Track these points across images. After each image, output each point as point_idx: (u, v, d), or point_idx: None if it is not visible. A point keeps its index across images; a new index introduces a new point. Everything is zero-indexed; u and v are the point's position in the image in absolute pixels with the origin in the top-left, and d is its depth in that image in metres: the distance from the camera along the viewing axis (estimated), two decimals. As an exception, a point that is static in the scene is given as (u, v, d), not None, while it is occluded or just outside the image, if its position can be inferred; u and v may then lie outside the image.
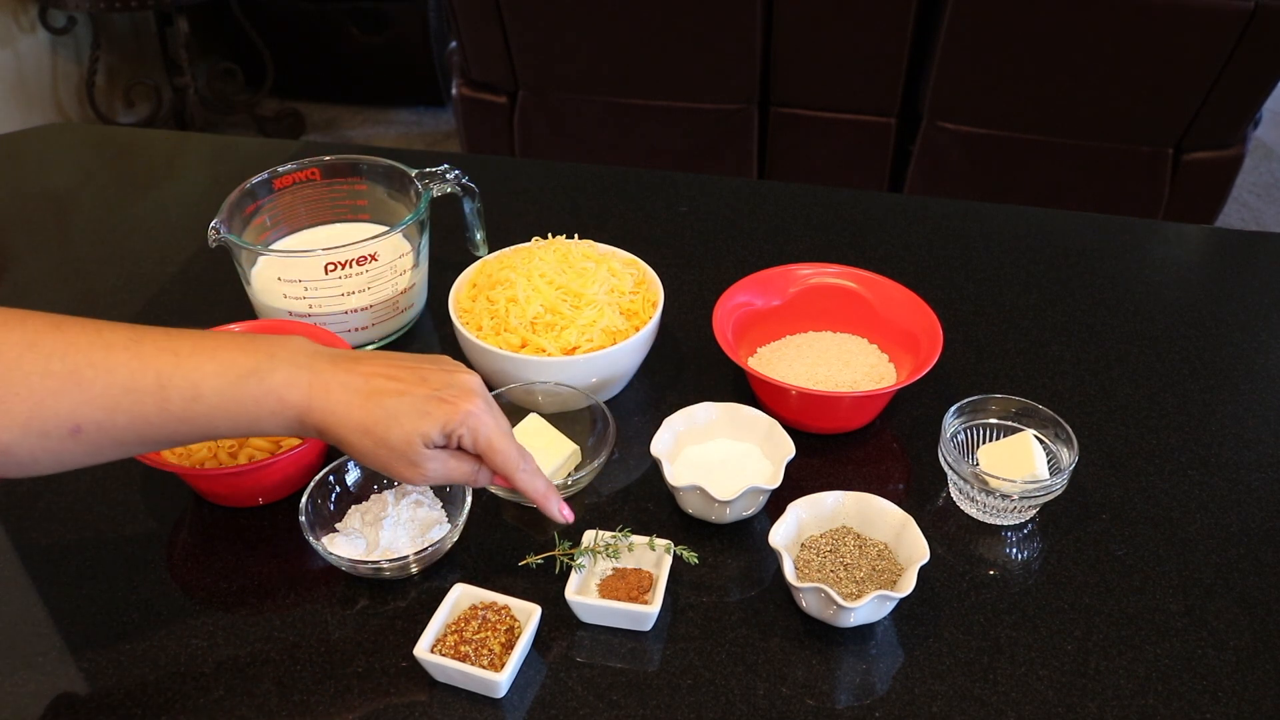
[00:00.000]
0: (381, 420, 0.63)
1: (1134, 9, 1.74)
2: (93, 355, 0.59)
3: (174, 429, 0.61)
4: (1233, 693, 0.66)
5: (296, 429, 0.63)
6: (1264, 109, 1.99)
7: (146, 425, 0.60)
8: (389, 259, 0.92)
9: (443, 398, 0.64)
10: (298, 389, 0.62)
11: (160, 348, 0.61)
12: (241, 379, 0.61)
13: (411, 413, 0.63)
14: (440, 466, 0.65)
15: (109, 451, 0.61)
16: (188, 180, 1.30)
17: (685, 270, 1.05)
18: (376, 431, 0.63)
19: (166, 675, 0.67)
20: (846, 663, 0.67)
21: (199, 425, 0.61)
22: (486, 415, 0.66)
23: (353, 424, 0.63)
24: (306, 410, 0.62)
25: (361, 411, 0.63)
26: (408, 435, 0.63)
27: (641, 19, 1.96)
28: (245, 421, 0.62)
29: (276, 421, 0.62)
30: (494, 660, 0.65)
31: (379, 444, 0.63)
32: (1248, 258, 1.13)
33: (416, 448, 0.64)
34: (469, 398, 0.65)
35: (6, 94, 2.72)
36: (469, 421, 0.64)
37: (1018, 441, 0.78)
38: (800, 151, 2.15)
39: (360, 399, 0.63)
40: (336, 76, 3.23)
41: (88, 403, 0.58)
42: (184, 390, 0.60)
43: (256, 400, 0.61)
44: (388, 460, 0.64)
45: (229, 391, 0.61)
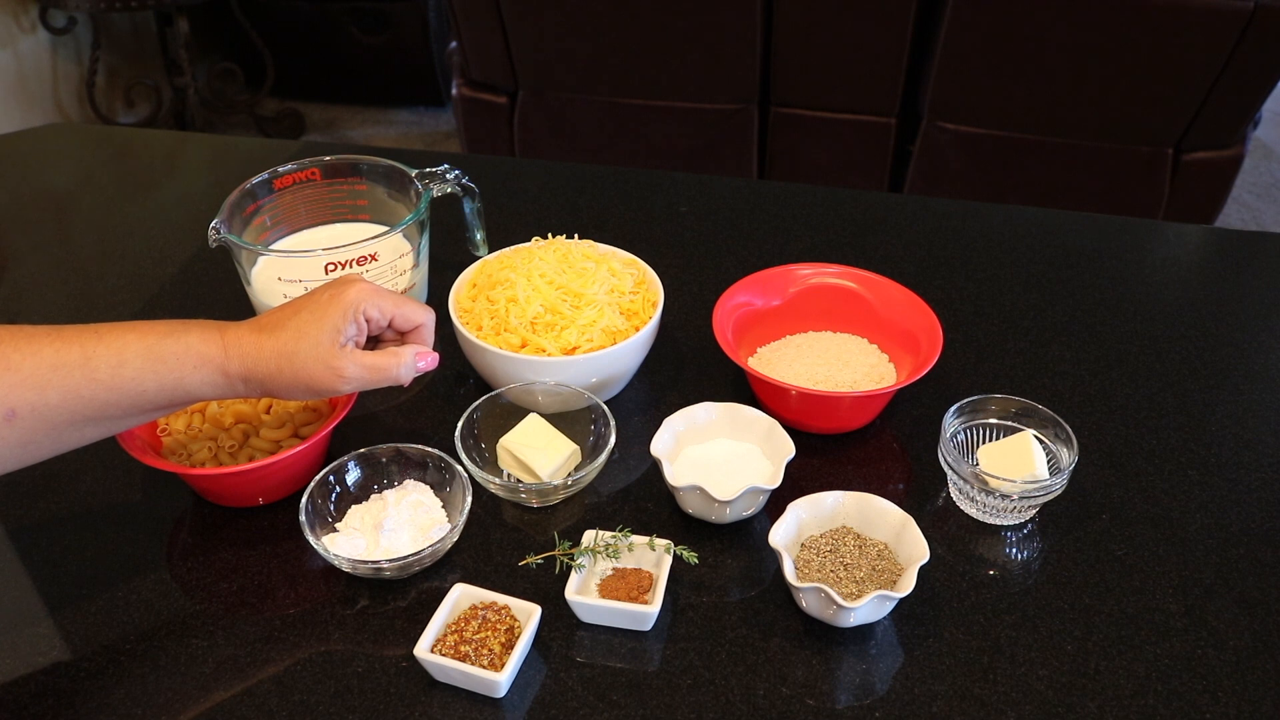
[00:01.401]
0: (291, 339, 0.67)
1: (1134, 9, 1.74)
2: (18, 342, 0.61)
3: (104, 400, 0.63)
4: (1232, 692, 0.66)
5: (222, 382, 0.66)
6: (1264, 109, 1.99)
7: (77, 399, 0.62)
8: (389, 259, 0.92)
9: (331, 293, 0.69)
10: (211, 343, 0.66)
11: (81, 330, 0.64)
12: (160, 339, 0.65)
13: (312, 320, 0.68)
14: (357, 366, 0.69)
15: (43, 438, 0.63)
16: (188, 180, 1.30)
17: (685, 270, 1.05)
18: (288, 349, 0.67)
19: (166, 675, 0.67)
20: (846, 663, 0.67)
21: (128, 392, 0.64)
22: (377, 288, 0.71)
23: (267, 354, 0.66)
24: (224, 358, 0.66)
25: (272, 340, 0.67)
26: (317, 339, 0.67)
27: (641, 19, 1.96)
28: (171, 379, 0.65)
29: (200, 376, 0.65)
30: (494, 660, 0.65)
31: (295, 359, 0.67)
32: (1247, 258, 1.13)
33: (330, 349, 0.67)
34: (352, 281, 0.70)
35: (7, 94, 2.73)
36: (366, 295, 0.69)
37: (1017, 441, 0.78)
38: (800, 151, 2.15)
39: (267, 332, 0.67)
40: (336, 76, 3.23)
41: (19, 384, 0.60)
42: (108, 358, 0.63)
43: (177, 356, 0.65)
44: (310, 374, 0.67)
45: (150, 353, 0.64)
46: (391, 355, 0.71)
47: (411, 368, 0.72)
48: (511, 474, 0.80)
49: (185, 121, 3.00)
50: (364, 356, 0.70)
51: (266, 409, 0.82)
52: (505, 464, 0.80)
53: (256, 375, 0.67)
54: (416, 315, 0.74)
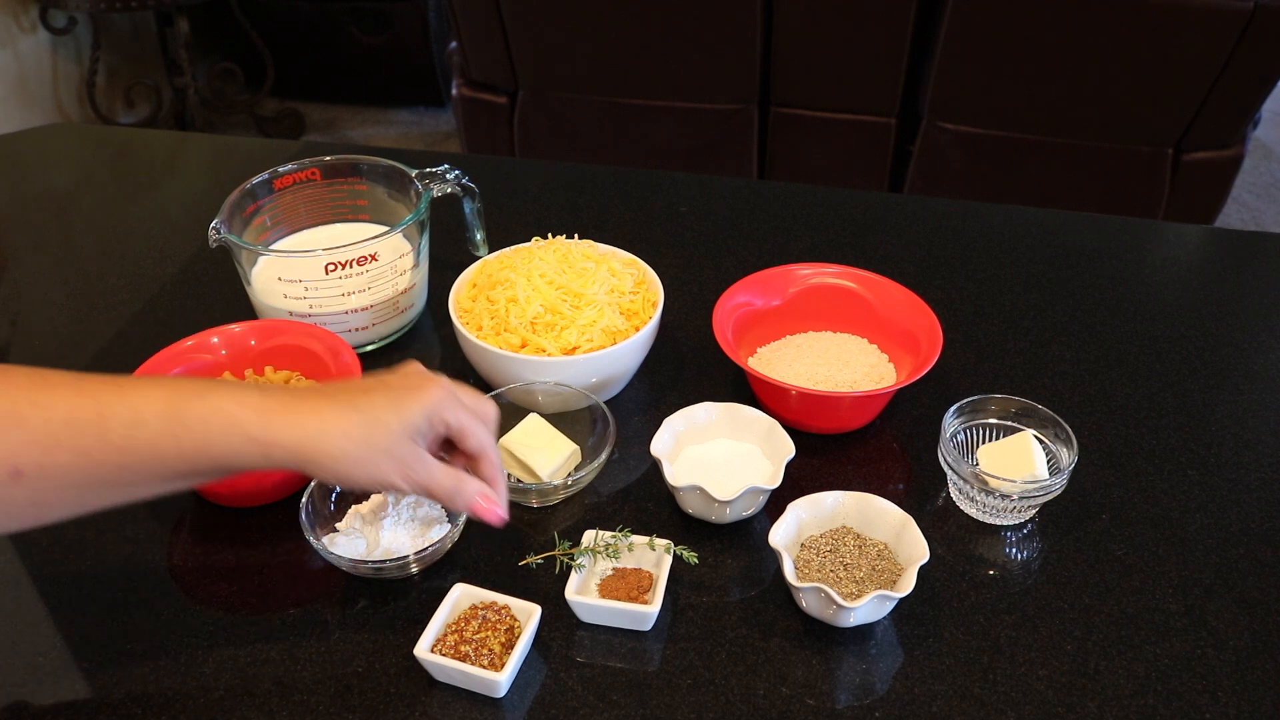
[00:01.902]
0: (364, 422, 0.59)
1: (1134, 9, 1.74)
2: (33, 394, 0.55)
3: (118, 463, 0.56)
4: (1232, 692, 0.66)
5: (254, 451, 0.58)
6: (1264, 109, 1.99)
7: (89, 461, 0.56)
8: (389, 259, 0.92)
9: (409, 385, 0.63)
10: (247, 406, 0.58)
11: (104, 382, 0.57)
12: (185, 398, 0.57)
13: (390, 407, 0.60)
14: (425, 471, 0.62)
15: (55, 500, 0.57)
16: (188, 180, 1.30)
17: (685, 270, 1.05)
18: (360, 432, 0.59)
19: (166, 675, 0.67)
20: (846, 663, 0.67)
21: (143, 456, 0.56)
22: (457, 396, 0.65)
23: (332, 430, 0.58)
24: (264, 426, 0.58)
25: (335, 415, 0.59)
26: (392, 429, 0.60)
27: (641, 19, 1.96)
28: (192, 445, 0.57)
29: (227, 441, 0.57)
30: (494, 660, 0.65)
31: (366, 444, 0.59)
32: (1247, 258, 1.13)
33: (405, 443, 0.61)
34: (434, 379, 0.64)
35: (7, 94, 2.73)
36: (447, 399, 0.63)
37: (1017, 441, 0.78)
38: (800, 151, 2.16)
39: (330, 404, 0.59)
40: (336, 76, 3.23)
41: (27, 442, 0.54)
42: (125, 416, 0.56)
43: (203, 418, 0.57)
44: (376, 464, 0.60)
45: (171, 414, 0.56)
46: (458, 479, 0.64)
47: (469, 503, 0.65)
48: (512, 474, 0.80)
49: (185, 122, 3.00)
50: (434, 467, 0.63)
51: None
52: (505, 464, 0.80)
53: (307, 451, 0.58)
54: (484, 441, 0.66)
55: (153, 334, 0.98)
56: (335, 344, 0.84)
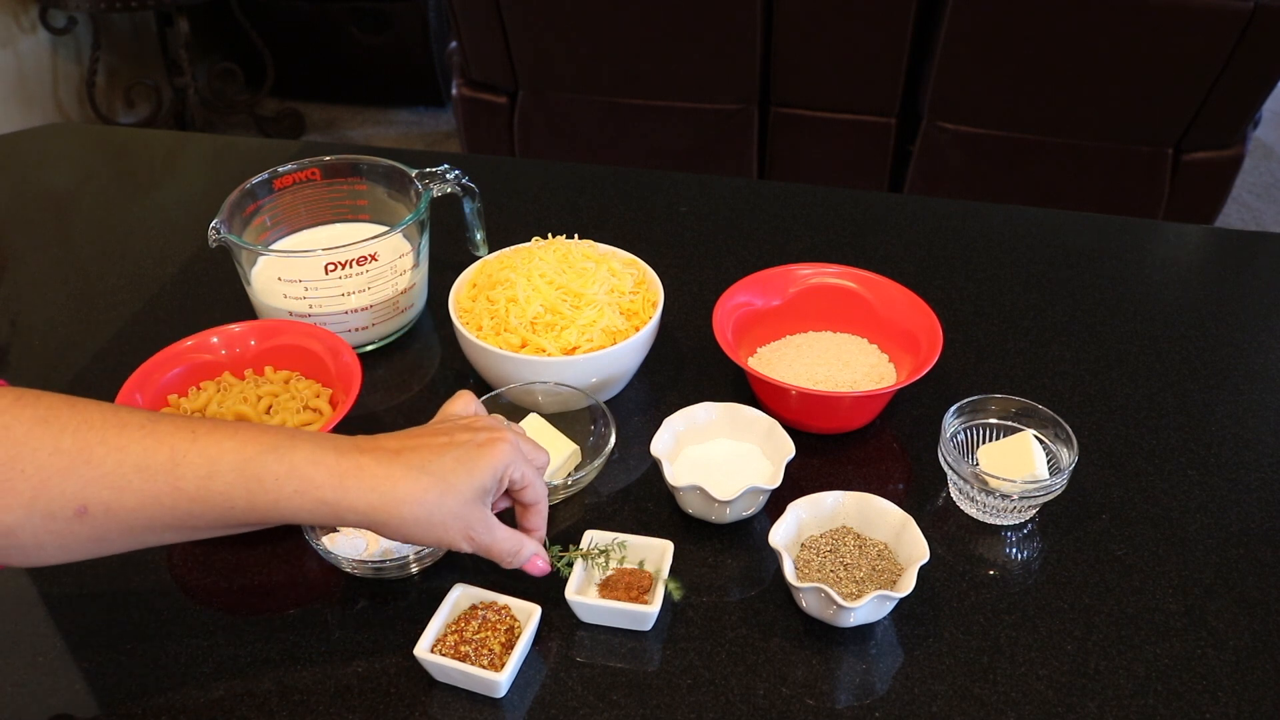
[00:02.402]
0: (436, 488, 0.60)
1: (1134, 9, 1.74)
2: (106, 433, 0.55)
3: (187, 510, 0.57)
4: (1232, 692, 0.66)
5: (323, 511, 0.59)
6: (1264, 109, 1.99)
7: (158, 506, 0.56)
8: (389, 259, 0.92)
9: (479, 443, 0.62)
10: (322, 467, 0.58)
11: (178, 427, 0.57)
12: (261, 454, 0.57)
13: (461, 469, 0.61)
14: (489, 536, 0.63)
15: (117, 537, 0.57)
16: (188, 180, 1.30)
17: (685, 270, 1.05)
18: (431, 499, 0.60)
19: (166, 675, 0.67)
20: (846, 663, 0.67)
21: (214, 506, 0.57)
22: (521, 450, 0.65)
23: (400, 496, 0.59)
24: (338, 489, 0.58)
25: (407, 480, 0.59)
26: (464, 496, 0.61)
27: (641, 19, 1.96)
28: (265, 502, 0.57)
29: (300, 502, 0.58)
30: (494, 660, 0.65)
31: (438, 511, 0.60)
32: (1248, 258, 1.13)
33: (474, 509, 0.62)
34: (503, 435, 0.64)
35: (7, 94, 2.73)
36: (515, 458, 0.63)
37: (1017, 441, 0.78)
38: (800, 151, 2.16)
39: (402, 469, 0.59)
40: (336, 76, 3.23)
41: (96, 481, 0.54)
42: (199, 467, 0.56)
43: (277, 478, 0.57)
44: (445, 527, 0.61)
45: (247, 468, 0.57)
46: (517, 540, 0.65)
47: (522, 563, 0.66)
48: (511, 474, 0.80)
49: (185, 121, 3.00)
50: (498, 530, 0.64)
51: (267, 409, 0.82)
52: (505, 464, 0.80)
53: (379, 516, 0.59)
54: (539, 491, 0.67)
55: (153, 334, 0.98)
56: (335, 344, 0.84)
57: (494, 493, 0.64)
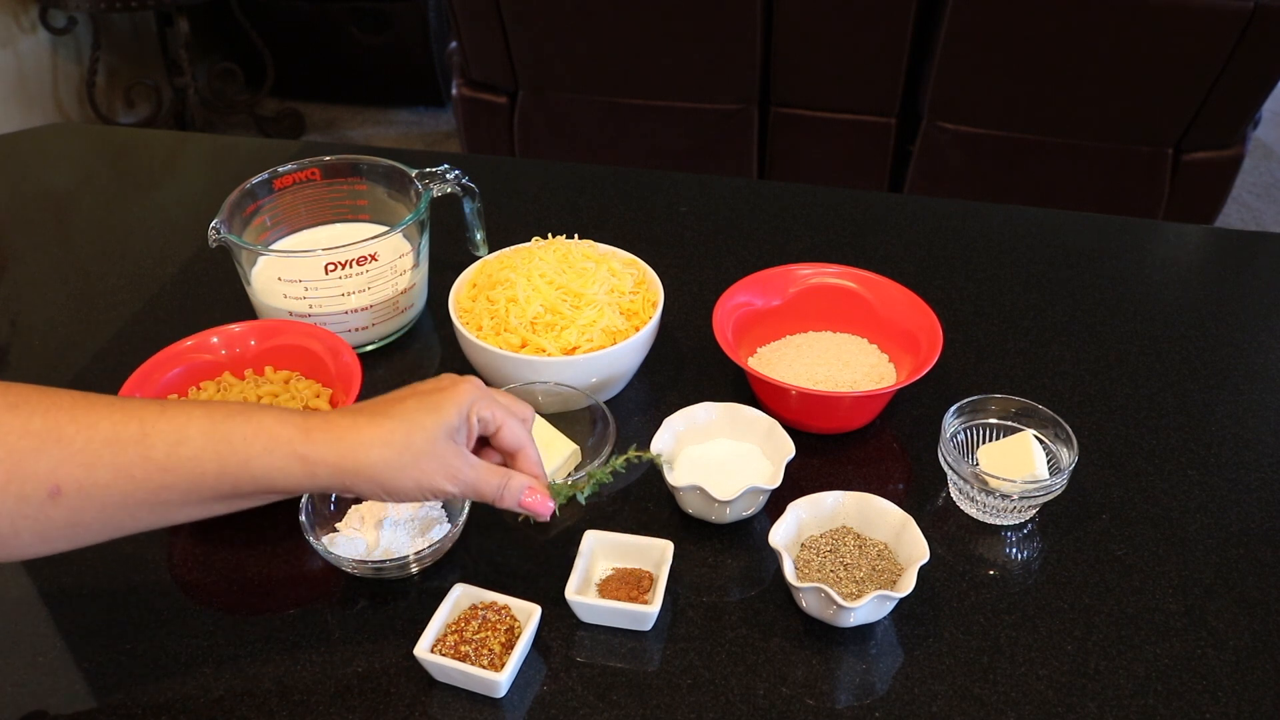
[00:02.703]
0: (401, 428, 0.60)
1: (1134, 9, 1.74)
2: (75, 412, 0.56)
3: (159, 482, 0.57)
4: (1232, 692, 0.66)
5: (298, 470, 0.59)
6: (1264, 109, 1.99)
7: (129, 481, 0.56)
8: (389, 259, 0.92)
9: (441, 387, 0.64)
10: (289, 424, 0.59)
11: (147, 403, 0.58)
12: (228, 417, 0.58)
13: (424, 410, 0.61)
14: (473, 470, 0.63)
15: (93, 520, 0.57)
16: (188, 180, 1.30)
17: (685, 270, 1.05)
18: (398, 438, 0.60)
19: (166, 675, 0.67)
20: (846, 663, 0.67)
21: (185, 474, 0.57)
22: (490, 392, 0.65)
23: (369, 440, 0.59)
24: (304, 441, 0.58)
25: (375, 426, 0.60)
26: (433, 433, 0.61)
27: (641, 19, 1.96)
28: (235, 463, 0.57)
29: (270, 460, 0.58)
30: (494, 660, 0.65)
31: (408, 451, 0.60)
32: (1247, 258, 1.13)
33: (447, 445, 0.61)
34: (464, 379, 0.65)
35: (7, 94, 2.73)
36: (481, 396, 0.64)
37: (1017, 441, 0.78)
38: (800, 151, 2.16)
39: (366, 416, 0.60)
40: (336, 76, 3.23)
41: (67, 459, 0.55)
42: (168, 435, 0.56)
43: (245, 438, 0.58)
44: (422, 469, 0.60)
45: (215, 431, 0.57)
46: (504, 475, 0.65)
47: (516, 498, 0.65)
48: (511, 474, 0.80)
49: (185, 122, 3.00)
50: (480, 466, 0.63)
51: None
52: (505, 464, 0.80)
53: (349, 464, 0.59)
54: (521, 436, 0.67)
55: (153, 334, 0.98)
56: (335, 344, 0.84)
57: (464, 432, 0.63)
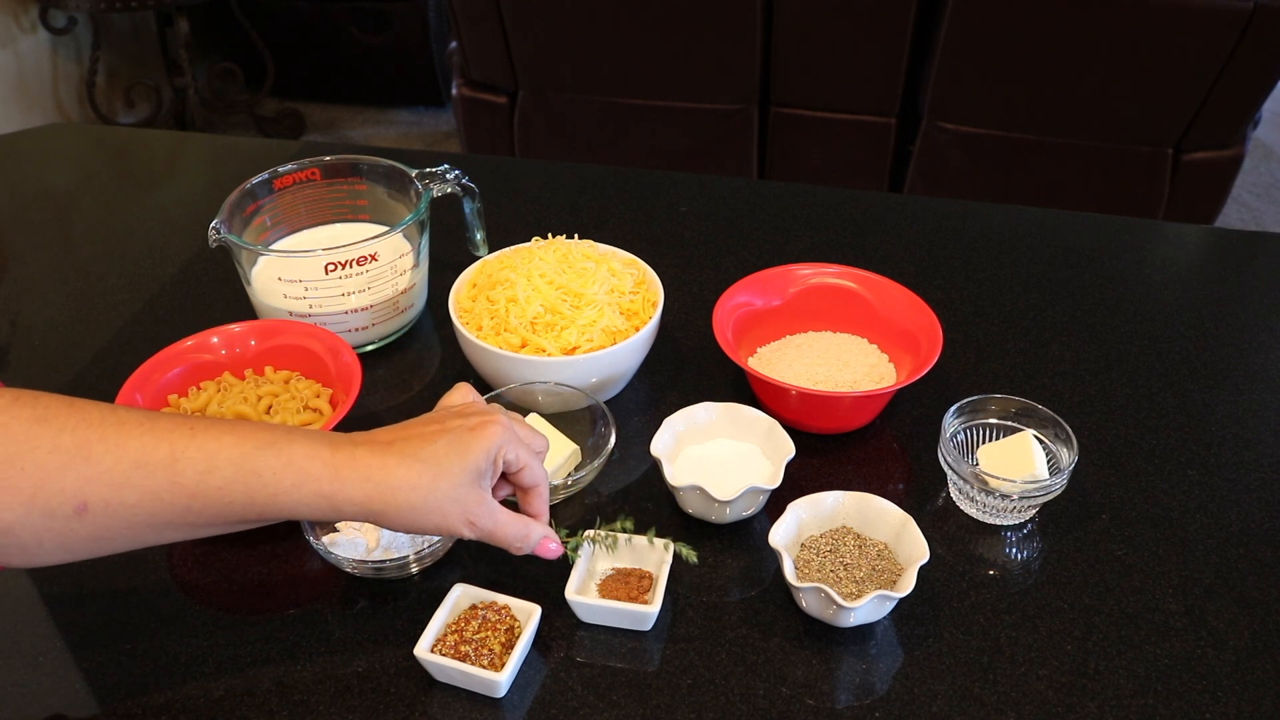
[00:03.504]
0: (429, 473, 0.60)
1: (1134, 9, 1.74)
2: (105, 430, 0.56)
3: (186, 506, 0.57)
4: (1232, 692, 0.66)
5: (324, 506, 0.59)
6: (1264, 109, 1.99)
7: (156, 502, 0.56)
8: (389, 259, 0.92)
9: (469, 426, 0.63)
10: (318, 460, 0.59)
11: (176, 424, 0.58)
12: (258, 449, 0.58)
13: (452, 453, 0.61)
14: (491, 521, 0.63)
15: (118, 535, 0.57)
16: (188, 180, 1.30)
17: (685, 270, 1.05)
18: (425, 483, 0.60)
19: (166, 675, 0.67)
20: (846, 663, 0.67)
21: (213, 501, 0.57)
22: (515, 431, 0.65)
23: (398, 483, 0.59)
24: (332, 480, 0.59)
25: (401, 468, 0.60)
26: (459, 479, 0.61)
27: (641, 19, 1.96)
28: (263, 496, 0.58)
29: (298, 495, 0.58)
30: (494, 660, 0.65)
31: (433, 495, 0.60)
32: (1247, 258, 1.13)
33: (470, 492, 0.61)
34: (493, 417, 0.64)
35: (7, 94, 2.73)
36: (508, 439, 0.63)
37: (1017, 441, 0.78)
38: (800, 151, 2.16)
39: (395, 457, 0.60)
40: (336, 77, 3.23)
41: (95, 478, 0.55)
42: (197, 462, 0.57)
43: (275, 471, 0.58)
44: (444, 514, 0.61)
45: (245, 463, 0.57)
46: (523, 524, 0.65)
47: (532, 547, 0.66)
48: (511, 474, 0.80)
49: (185, 122, 3.00)
50: (500, 514, 0.64)
51: (267, 409, 0.82)
52: (505, 464, 0.80)
53: (376, 505, 0.59)
54: (538, 474, 0.67)
55: (153, 334, 0.98)
56: (335, 344, 0.85)
57: (490, 475, 0.63)
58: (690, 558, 0.72)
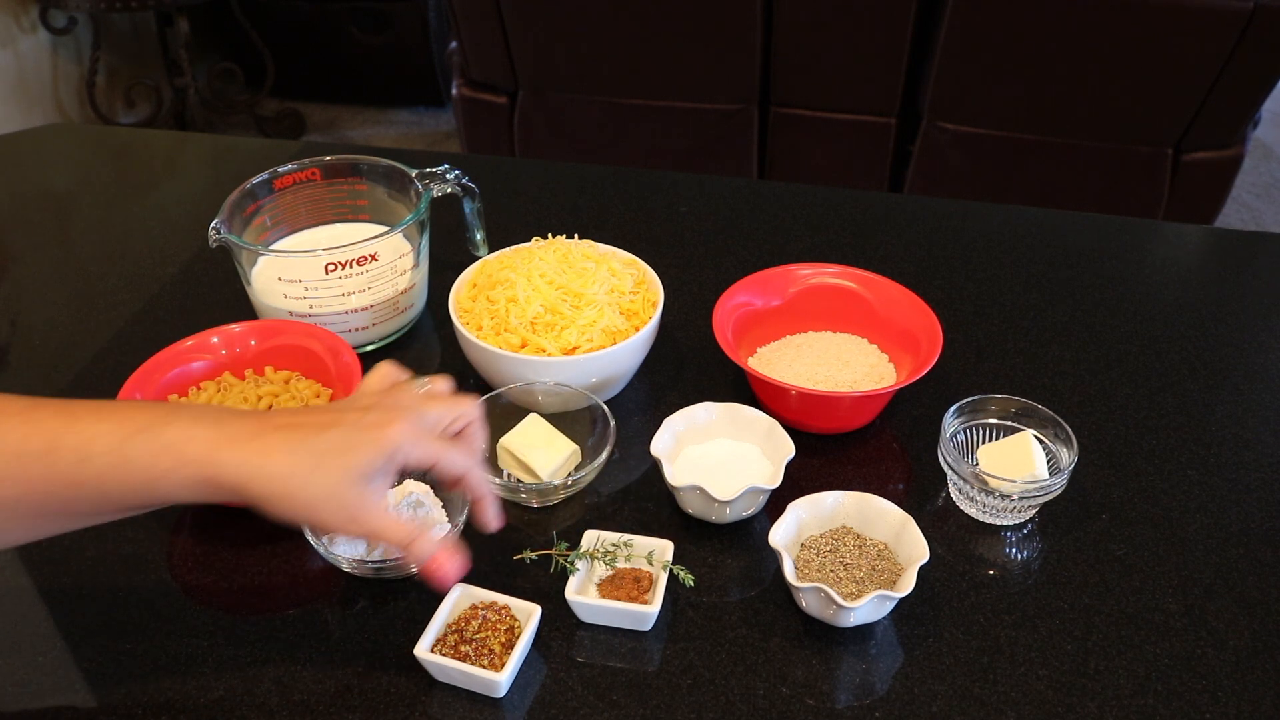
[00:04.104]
0: (305, 466, 0.57)
1: (1134, 9, 1.74)
2: None
3: (65, 495, 0.56)
4: (1232, 692, 0.66)
5: (203, 489, 0.56)
6: (1264, 109, 1.99)
7: (34, 493, 0.55)
8: (389, 259, 0.92)
9: (366, 424, 0.59)
10: (196, 442, 0.56)
11: (56, 412, 0.56)
12: (133, 434, 0.56)
13: (334, 451, 0.57)
14: (373, 524, 0.59)
15: (13, 526, 0.57)
16: (188, 180, 1.30)
17: (685, 270, 1.05)
18: (298, 477, 0.56)
19: (166, 675, 0.67)
20: (846, 663, 0.67)
21: (90, 490, 0.56)
22: (421, 429, 0.60)
23: (271, 473, 0.56)
24: (211, 463, 0.56)
25: (278, 455, 0.56)
26: (337, 477, 0.57)
27: (641, 19, 1.96)
28: (138, 482, 0.56)
29: (175, 480, 0.56)
30: (494, 660, 0.65)
31: (305, 490, 0.57)
32: (1247, 258, 1.13)
33: (349, 491, 0.57)
34: (398, 414, 0.59)
35: (7, 94, 2.73)
36: (407, 439, 0.59)
37: (1017, 441, 0.78)
38: (800, 151, 2.16)
39: (278, 443, 0.57)
40: (337, 77, 3.23)
41: None
42: (73, 450, 0.55)
43: (151, 456, 0.55)
44: (316, 510, 0.58)
45: (120, 449, 0.55)
46: (409, 535, 0.61)
47: (420, 556, 0.62)
48: (512, 474, 0.80)
49: (185, 122, 3.00)
50: (382, 519, 0.60)
51: (267, 409, 0.82)
52: (505, 464, 0.80)
53: (251, 491, 0.56)
54: (461, 463, 0.63)
55: (153, 334, 0.98)
56: (335, 344, 0.85)
57: (383, 475, 0.59)
58: (688, 580, 0.71)
